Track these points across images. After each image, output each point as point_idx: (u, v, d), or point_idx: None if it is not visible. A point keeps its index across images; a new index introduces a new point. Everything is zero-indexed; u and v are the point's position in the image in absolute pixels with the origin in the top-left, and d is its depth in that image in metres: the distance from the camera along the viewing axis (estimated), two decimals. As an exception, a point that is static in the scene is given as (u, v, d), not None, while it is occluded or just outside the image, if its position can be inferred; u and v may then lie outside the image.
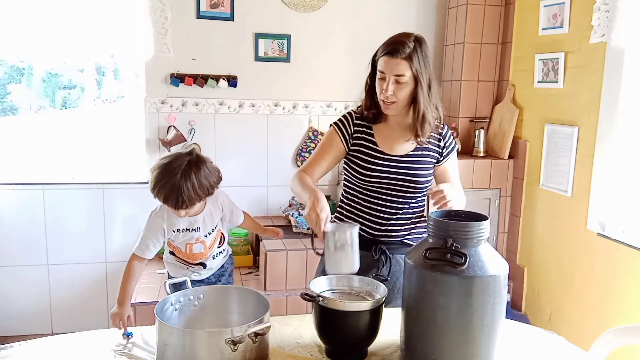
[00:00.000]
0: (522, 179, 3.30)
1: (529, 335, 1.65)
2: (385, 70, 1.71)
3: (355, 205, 1.88)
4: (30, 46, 3.22)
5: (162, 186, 1.75)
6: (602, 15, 2.64)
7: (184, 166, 1.77)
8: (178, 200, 1.76)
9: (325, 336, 1.44)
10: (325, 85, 3.57)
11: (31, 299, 3.35)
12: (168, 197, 1.76)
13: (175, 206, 1.78)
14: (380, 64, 1.74)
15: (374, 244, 1.85)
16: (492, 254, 1.34)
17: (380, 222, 1.85)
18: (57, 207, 3.32)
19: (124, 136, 3.59)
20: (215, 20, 3.33)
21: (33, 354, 1.44)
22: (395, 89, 1.72)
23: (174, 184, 1.74)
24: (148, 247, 1.86)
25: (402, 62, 1.69)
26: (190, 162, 1.80)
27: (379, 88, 1.76)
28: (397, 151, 1.83)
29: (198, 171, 1.79)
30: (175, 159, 1.79)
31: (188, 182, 1.76)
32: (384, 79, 1.72)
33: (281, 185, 3.60)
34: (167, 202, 1.78)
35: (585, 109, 2.80)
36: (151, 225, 1.88)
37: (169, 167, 1.77)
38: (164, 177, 1.76)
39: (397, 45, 1.70)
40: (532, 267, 3.26)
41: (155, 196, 1.80)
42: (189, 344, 1.29)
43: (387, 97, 1.73)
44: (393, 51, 1.69)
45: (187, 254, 1.95)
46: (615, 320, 2.57)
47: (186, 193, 1.75)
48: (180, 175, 1.75)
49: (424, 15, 3.63)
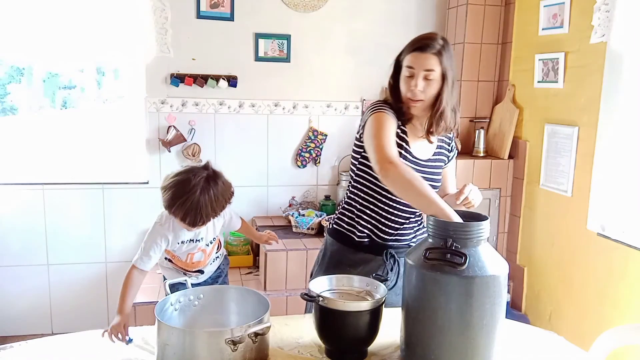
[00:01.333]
0: (522, 179, 3.30)
1: (529, 335, 1.65)
2: (415, 65, 1.67)
3: (370, 207, 1.80)
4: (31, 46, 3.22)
5: (180, 204, 1.68)
6: (602, 15, 2.63)
7: (202, 183, 1.70)
8: (196, 219, 1.70)
9: (325, 336, 1.44)
10: (325, 85, 3.57)
11: (31, 299, 3.35)
12: (187, 215, 1.69)
13: (193, 224, 1.72)
14: (408, 60, 1.69)
15: (384, 249, 1.82)
16: (492, 254, 1.34)
17: (394, 226, 1.81)
18: (57, 207, 3.32)
19: (124, 136, 3.59)
20: (215, 20, 3.33)
21: (33, 354, 1.44)
22: (424, 86, 1.68)
23: (192, 201, 1.67)
24: (150, 260, 1.77)
25: (432, 57, 1.66)
26: (208, 177, 1.73)
27: (406, 85, 1.71)
28: (422, 154, 1.80)
29: (216, 187, 1.73)
30: (193, 176, 1.71)
31: (207, 200, 1.69)
32: (413, 75, 1.69)
33: (281, 185, 3.60)
34: (184, 220, 1.71)
35: (585, 109, 2.80)
36: (155, 237, 1.80)
37: (187, 185, 1.69)
38: (182, 195, 1.68)
39: (427, 41, 1.68)
40: (532, 267, 3.26)
41: (172, 214, 1.72)
42: (189, 344, 1.29)
43: (415, 94, 1.69)
44: (424, 46, 1.67)
45: (186, 262, 1.93)
46: (615, 320, 2.57)
47: (204, 211, 1.69)
48: (200, 193, 1.68)
49: (424, 15, 3.63)
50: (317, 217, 3.33)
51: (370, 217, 1.81)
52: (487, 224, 1.35)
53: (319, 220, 3.30)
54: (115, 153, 3.60)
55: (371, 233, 1.82)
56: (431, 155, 1.83)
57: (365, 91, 3.62)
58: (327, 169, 3.67)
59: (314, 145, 3.58)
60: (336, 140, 3.63)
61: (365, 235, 1.82)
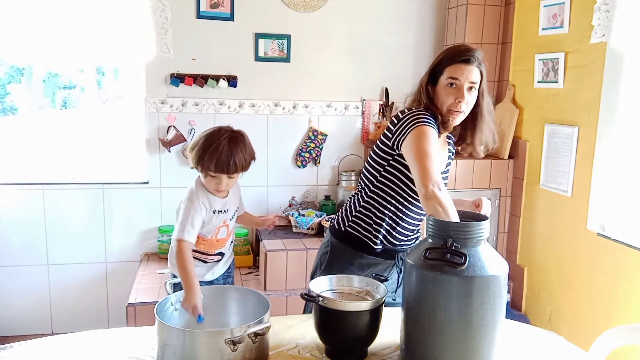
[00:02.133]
0: (522, 179, 3.30)
1: (529, 335, 1.65)
2: (460, 77, 1.67)
3: (389, 214, 1.79)
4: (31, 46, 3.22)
5: (212, 152, 1.75)
6: (602, 15, 2.63)
7: (229, 132, 1.80)
8: (230, 164, 1.76)
9: (325, 336, 1.44)
10: (325, 85, 3.57)
11: (31, 299, 3.35)
12: (219, 161, 1.75)
13: (227, 170, 1.77)
14: (452, 71, 1.68)
15: (394, 253, 1.85)
16: (492, 254, 1.34)
17: (407, 233, 1.84)
18: (57, 207, 3.32)
19: (124, 136, 3.59)
20: (215, 20, 3.33)
21: (33, 354, 1.44)
22: (468, 98, 1.69)
23: (222, 147, 1.75)
24: (194, 229, 1.78)
25: (475, 69, 1.69)
26: (233, 130, 1.83)
27: (448, 97, 1.69)
28: (442, 165, 1.81)
29: (242, 137, 1.83)
30: (218, 130, 1.81)
31: (237, 145, 1.78)
32: (456, 86, 1.68)
33: (281, 185, 3.60)
34: (218, 167, 1.76)
35: (585, 109, 2.80)
36: (195, 207, 1.81)
37: (214, 135, 1.78)
38: (212, 144, 1.76)
39: (470, 53, 1.69)
40: (532, 267, 3.26)
41: (205, 164, 1.77)
42: (189, 344, 1.29)
43: (460, 106, 1.68)
44: (469, 58, 1.68)
45: (211, 240, 1.93)
46: (615, 320, 2.57)
47: (239, 156, 1.77)
48: (228, 140, 1.77)
49: (424, 15, 3.63)
50: (317, 217, 3.33)
51: (388, 224, 1.81)
52: (487, 224, 1.35)
53: (319, 220, 3.30)
54: (115, 153, 3.60)
55: (385, 240, 1.83)
56: (445, 167, 1.85)
57: (365, 91, 3.62)
58: (327, 169, 3.67)
59: (314, 145, 3.58)
60: (336, 140, 3.63)
61: (380, 241, 1.82)
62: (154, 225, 3.46)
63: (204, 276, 1.94)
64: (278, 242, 3.14)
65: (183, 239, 1.75)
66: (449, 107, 1.69)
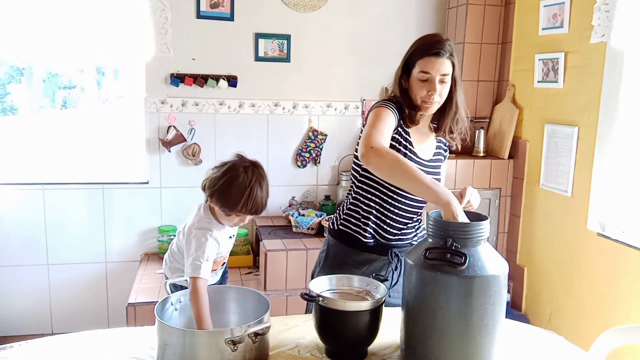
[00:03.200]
0: (522, 179, 3.30)
1: (529, 335, 1.65)
2: (432, 70, 1.69)
3: (376, 207, 1.81)
4: (31, 46, 3.22)
5: (247, 198, 1.67)
6: (602, 15, 2.63)
7: (254, 169, 1.71)
8: (263, 206, 1.72)
9: (325, 336, 1.44)
10: (325, 85, 3.57)
11: (31, 299, 3.35)
12: (255, 205, 1.69)
13: (260, 212, 1.73)
14: (423, 65, 1.70)
15: (389, 249, 1.84)
16: (492, 254, 1.34)
17: (398, 226, 1.83)
18: (57, 207, 3.32)
19: (124, 136, 3.59)
20: (215, 20, 3.33)
21: (33, 354, 1.44)
22: (440, 89, 1.71)
23: (257, 191, 1.68)
24: (210, 264, 1.70)
25: (447, 61, 1.70)
26: (254, 165, 1.74)
27: (421, 90, 1.72)
28: (425, 155, 1.83)
29: (263, 172, 1.75)
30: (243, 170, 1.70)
31: (264, 184, 1.72)
32: (428, 79, 1.70)
33: (281, 185, 3.60)
34: (252, 211, 1.70)
35: (585, 109, 2.80)
36: (210, 243, 1.72)
37: (243, 176, 1.68)
38: (245, 188, 1.67)
39: (440, 45, 1.70)
40: (532, 267, 3.26)
41: (239, 209, 1.69)
42: (189, 344, 1.29)
43: (431, 98, 1.71)
44: (439, 51, 1.69)
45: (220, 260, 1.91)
46: (615, 320, 2.57)
47: (266, 194, 1.73)
48: (258, 181, 1.70)
49: (424, 15, 3.63)
50: (317, 217, 3.33)
51: (376, 217, 1.82)
52: (487, 223, 1.35)
53: (319, 220, 3.30)
54: (115, 153, 3.60)
55: (376, 234, 1.83)
56: (432, 155, 1.86)
57: (365, 91, 3.62)
58: (327, 169, 3.67)
59: (314, 145, 3.58)
60: (336, 140, 3.63)
61: (370, 236, 1.83)
62: (154, 225, 3.46)
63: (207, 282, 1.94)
64: (278, 242, 3.14)
65: (199, 277, 1.62)
66: (422, 99, 1.73)
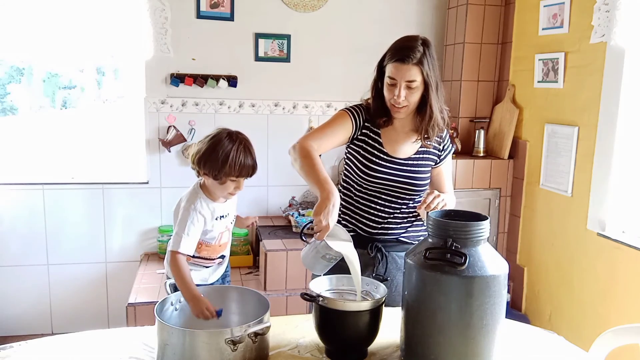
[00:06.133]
0: (522, 179, 3.30)
1: (529, 335, 1.65)
2: (396, 77, 1.70)
3: (353, 202, 1.88)
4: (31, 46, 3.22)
5: (234, 158, 1.73)
6: (602, 15, 2.63)
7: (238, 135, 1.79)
8: (254, 165, 1.81)
9: (325, 336, 1.44)
10: (325, 85, 3.57)
11: (31, 299, 3.35)
12: (244, 165, 1.76)
13: (252, 172, 1.81)
14: (389, 70, 1.72)
15: (370, 242, 1.85)
16: (492, 254, 1.34)
17: (377, 220, 1.86)
18: (57, 207, 3.32)
19: (124, 136, 3.59)
20: (215, 20, 3.33)
21: (33, 354, 1.44)
22: (406, 94, 1.71)
23: (242, 151, 1.76)
24: (191, 241, 1.74)
25: (413, 68, 1.68)
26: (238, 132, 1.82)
27: (389, 94, 1.74)
28: (401, 154, 1.84)
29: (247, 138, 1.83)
30: (227, 135, 1.77)
31: (250, 146, 1.81)
32: (395, 85, 1.71)
33: (281, 185, 3.60)
34: (243, 171, 1.78)
35: (585, 109, 2.80)
36: (192, 218, 1.76)
37: (227, 141, 1.75)
38: (230, 150, 1.74)
39: (407, 51, 1.68)
40: (532, 267, 3.26)
41: (227, 171, 1.74)
42: (189, 344, 1.29)
43: (398, 103, 1.73)
44: (404, 57, 1.68)
45: (214, 246, 1.91)
46: (615, 320, 2.57)
47: (254, 157, 1.81)
48: (243, 143, 1.78)
49: (424, 15, 3.63)
50: (317, 217, 3.33)
51: (355, 212, 1.88)
52: (487, 223, 1.35)
53: (319, 220, 3.29)
54: (115, 153, 3.60)
55: (356, 228, 1.87)
56: (413, 154, 1.85)
57: (365, 91, 3.61)
58: (327, 169, 3.66)
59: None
60: (336, 140, 3.62)
61: (351, 229, 1.86)
62: (154, 225, 3.46)
63: (206, 280, 1.94)
64: (278, 242, 3.14)
65: (177, 251, 1.70)
66: (391, 102, 1.76)
